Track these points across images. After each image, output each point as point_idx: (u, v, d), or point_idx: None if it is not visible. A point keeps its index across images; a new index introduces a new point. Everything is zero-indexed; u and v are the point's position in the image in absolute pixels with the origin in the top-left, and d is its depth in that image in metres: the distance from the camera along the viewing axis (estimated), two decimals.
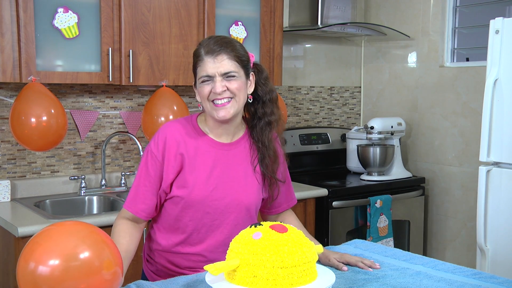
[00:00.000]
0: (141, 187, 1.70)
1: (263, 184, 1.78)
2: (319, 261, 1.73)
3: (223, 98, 1.64)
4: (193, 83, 1.72)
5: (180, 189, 1.68)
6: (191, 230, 1.71)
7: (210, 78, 1.64)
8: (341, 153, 3.77)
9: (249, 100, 1.74)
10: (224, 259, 1.63)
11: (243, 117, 1.79)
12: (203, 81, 1.65)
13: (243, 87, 1.67)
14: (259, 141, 1.75)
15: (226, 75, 1.64)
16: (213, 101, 1.65)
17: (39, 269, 1.23)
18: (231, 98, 1.65)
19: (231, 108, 1.66)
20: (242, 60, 1.67)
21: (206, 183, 1.69)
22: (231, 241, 1.61)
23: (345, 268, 1.69)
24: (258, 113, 1.76)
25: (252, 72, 1.73)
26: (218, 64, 1.62)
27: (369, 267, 1.70)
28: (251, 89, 1.73)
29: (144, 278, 1.85)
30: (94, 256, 1.27)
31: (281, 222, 1.82)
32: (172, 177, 1.69)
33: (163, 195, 1.71)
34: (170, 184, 1.69)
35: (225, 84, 1.63)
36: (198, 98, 1.71)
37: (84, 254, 1.25)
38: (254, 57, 1.76)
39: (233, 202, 1.71)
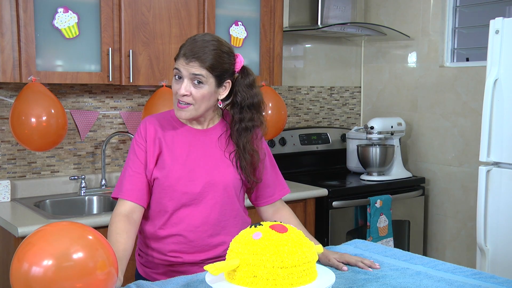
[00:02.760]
0: (132, 174, 1.76)
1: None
2: (318, 261, 1.73)
3: (183, 102, 1.72)
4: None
5: (160, 170, 1.75)
6: (172, 210, 1.76)
7: (180, 74, 1.71)
8: (341, 153, 3.77)
9: (218, 105, 1.80)
10: (204, 239, 1.73)
11: (222, 109, 1.86)
12: (175, 75, 1.73)
13: (207, 97, 1.72)
14: (236, 144, 1.81)
15: (194, 77, 1.70)
16: (178, 100, 1.74)
17: (33, 269, 1.22)
18: (191, 104, 1.72)
19: (188, 112, 1.74)
20: (216, 70, 1.71)
21: (183, 165, 1.76)
22: (210, 221, 1.76)
23: (345, 268, 1.70)
24: (235, 118, 1.80)
25: (229, 80, 1.77)
26: (189, 67, 1.69)
27: (369, 267, 1.70)
28: (222, 96, 1.77)
29: (137, 272, 1.88)
30: (88, 257, 1.27)
31: (280, 221, 1.84)
32: (153, 161, 1.76)
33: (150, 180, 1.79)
34: (151, 169, 1.77)
35: (191, 90, 1.70)
36: None
37: (78, 255, 1.25)
38: (242, 62, 1.79)
39: (210, 183, 1.76)
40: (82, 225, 1.35)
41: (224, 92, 1.77)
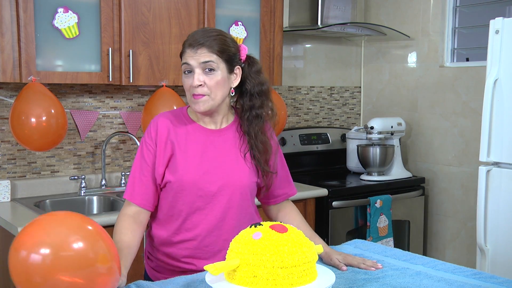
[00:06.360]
0: (140, 177, 1.72)
1: (256, 171, 1.79)
2: (321, 260, 1.73)
3: (199, 94, 1.67)
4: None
5: (172, 174, 1.70)
6: (185, 215, 1.72)
7: (190, 68, 1.67)
8: (341, 153, 3.77)
9: (231, 94, 1.75)
10: (219, 244, 1.66)
11: (234, 106, 1.82)
12: (184, 71, 1.69)
13: (221, 83, 1.68)
14: (246, 132, 1.77)
15: (205, 66, 1.66)
16: (192, 94, 1.68)
17: (31, 257, 1.22)
18: (206, 95, 1.67)
19: (205, 104, 1.68)
20: (225, 54, 1.69)
21: (197, 167, 1.71)
22: (225, 225, 1.69)
23: (344, 268, 1.69)
24: (245, 106, 1.77)
25: (238, 66, 1.74)
26: (198, 56, 1.65)
27: (371, 267, 1.70)
28: (235, 83, 1.74)
29: (146, 275, 1.86)
30: (88, 248, 1.26)
31: (282, 220, 1.83)
32: (163, 165, 1.71)
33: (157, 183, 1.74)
34: (162, 172, 1.71)
35: (204, 79, 1.66)
36: None
37: (78, 245, 1.25)
38: (246, 49, 1.77)
39: (225, 185, 1.72)
40: (82, 216, 1.35)
41: (236, 80, 1.74)
